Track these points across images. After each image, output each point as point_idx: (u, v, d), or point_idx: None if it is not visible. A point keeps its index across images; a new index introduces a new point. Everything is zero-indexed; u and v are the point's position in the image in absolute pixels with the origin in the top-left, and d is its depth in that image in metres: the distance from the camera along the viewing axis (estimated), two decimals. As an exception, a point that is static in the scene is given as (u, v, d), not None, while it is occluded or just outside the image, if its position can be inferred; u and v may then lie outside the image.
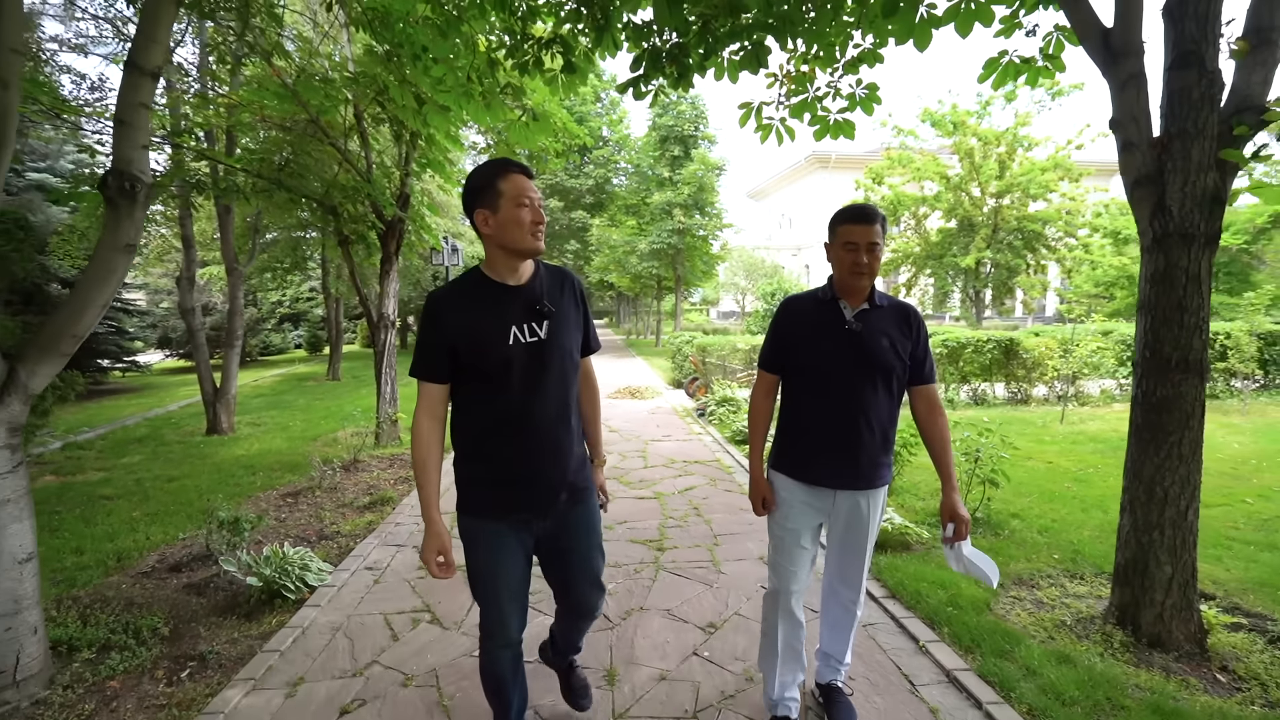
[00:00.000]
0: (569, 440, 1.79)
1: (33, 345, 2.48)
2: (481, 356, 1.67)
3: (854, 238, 1.92)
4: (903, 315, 2.03)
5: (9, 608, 2.40)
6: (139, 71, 2.43)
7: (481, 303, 1.69)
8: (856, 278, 1.94)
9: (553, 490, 1.77)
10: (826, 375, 1.98)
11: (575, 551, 1.87)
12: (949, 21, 3.21)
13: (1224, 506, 4.51)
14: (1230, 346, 8.55)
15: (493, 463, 1.73)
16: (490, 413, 1.72)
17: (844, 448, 1.97)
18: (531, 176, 1.72)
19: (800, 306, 2.09)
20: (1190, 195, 2.58)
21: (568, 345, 1.78)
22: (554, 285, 1.80)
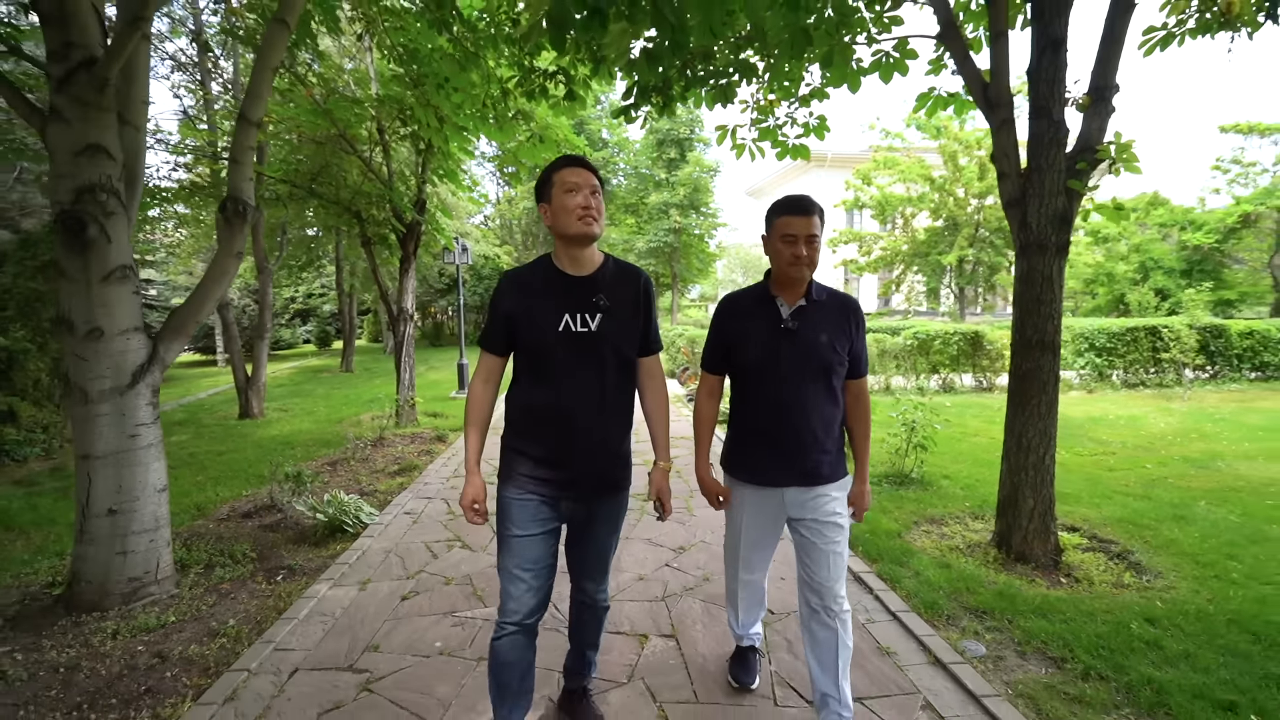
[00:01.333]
0: (606, 432, 1.81)
1: (167, 329, 3.29)
2: (530, 337, 1.77)
3: (793, 229, 1.88)
4: (842, 309, 1.99)
5: (152, 524, 3.22)
6: (247, 123, 3.24)
7: (543, 287, 1.79)
8: (795, 269, 1.89)
9: (583, 476, 1.81)
10: (765, 375, 1.96)
11: (595, 539, 1.93)
12: (874, 71, 4.01)
13: (1126, 470, 5.31)
14: (1173, 339, 9.37)
15: (529, 439, 1.81)
16: (533, 391, 1.81)
17: (786, 447, 1.95)
18: (587, 167, 1.78)
19: (739, 306, 2.06)
20: (1044, 215, 3.38)
21: (617, 341, 1.80)
22: (618, 281, 1.85)
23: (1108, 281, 18.91)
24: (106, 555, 3.07)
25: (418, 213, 8.02)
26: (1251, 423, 7.19)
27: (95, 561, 3.06)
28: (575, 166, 1.76)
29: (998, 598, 2.98)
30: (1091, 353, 10.18)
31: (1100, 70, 3.43)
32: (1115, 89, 3.42)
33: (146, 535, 3.19)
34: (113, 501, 3.08)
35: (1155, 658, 2.43)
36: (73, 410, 3.05)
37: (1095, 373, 10.24)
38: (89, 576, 3.06)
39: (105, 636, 2.78)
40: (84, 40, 2.75)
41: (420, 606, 3.03)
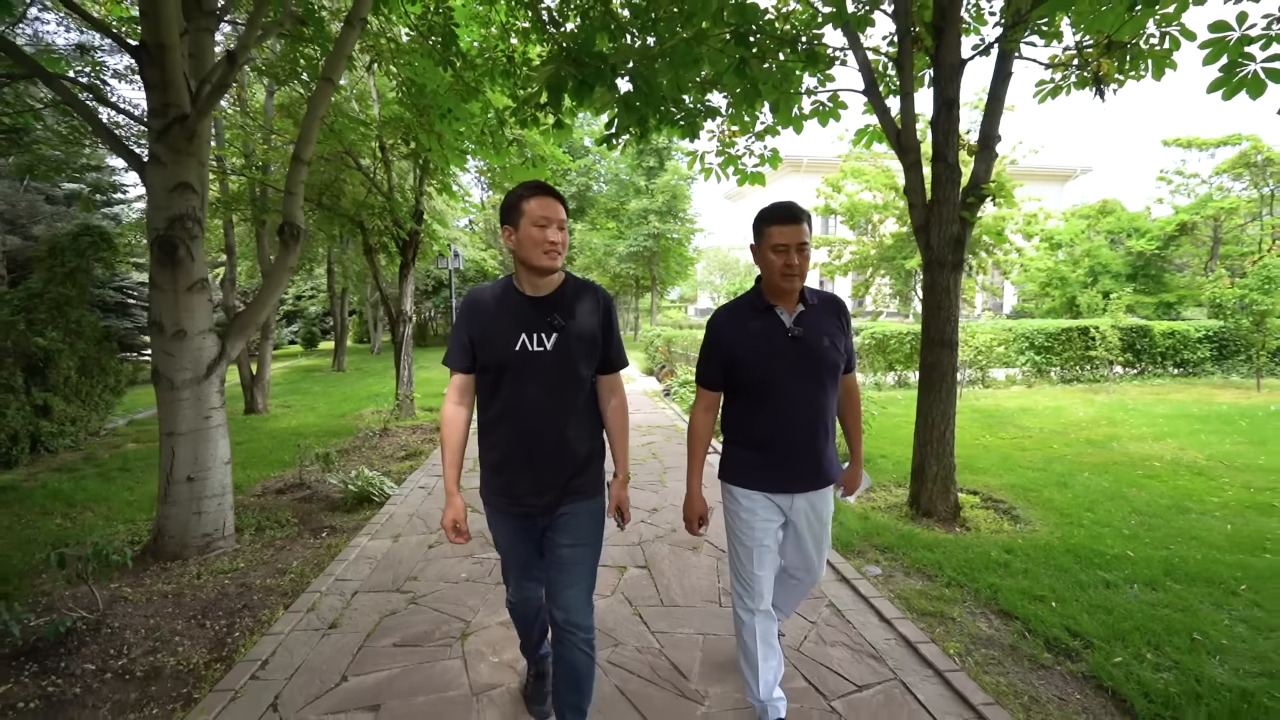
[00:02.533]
0: (561, 447, 1.85)
1: (231, 330, 4.01)
2: (489, 356, 1.82)
3: (784, 239, 1.86)
4: (834, 309, 2.03)
5: (220, 490, 3.93)
6: (299, 162, 3.97)
7: (501, 308, 1.84)
8: (789, 280, 1.89)
9: (544, 489, 1.86)
10: (778, 387, 1.93)
11: (557, 549, 1.91)
12: (814, 117, 4.85)
13: (1036, 449, 6.22)
14: (1097, 338, 10.42)
15: (494, 454, 1.89)
16: (494, 409, 1.86)
17: (803, 453, 1.97)
18: (557, 199, 1.81)
19: (736, 318, 2.02)
20: (943, 238, 4.24)
21: (575, 359, 1.83)
22: (576, 300, 1.88)
23: (1061, 285, 20.11)
24: (185, 515, 3.78)
25: (416, 223, 8.73)
26: (1157, 412, 8.19)
27: (176, 520, 3.77)
28: (546, 198, 1.78)
29: (899, 539, 3.83)
30: (1031, 351, 11.20)
31: (986, 124, 4.31)
32: (998, 139, 4.31)
33: (215, 499, 3.91)
34: (190, 470, 3.79)
35: (1001, 573, 3.29)
36: (160, 396, 3.75)
37: (1035, 369, 11.26)
38: (171, 532, 3.77)
39: (193, 576, 3.49)
40: (178, 101, 3.47)
41: (445, 552, 3.80)
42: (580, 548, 1.91)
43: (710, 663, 2.58)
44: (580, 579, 1.91)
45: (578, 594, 1.90)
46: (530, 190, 1.79)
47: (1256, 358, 10.17)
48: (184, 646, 2.74)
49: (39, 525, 4.50)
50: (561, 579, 1.90)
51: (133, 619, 2.96)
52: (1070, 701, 2.31)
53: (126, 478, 5.91)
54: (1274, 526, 3.99)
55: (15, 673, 2.49)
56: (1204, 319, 13.40)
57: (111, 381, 8.01)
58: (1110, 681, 2.36)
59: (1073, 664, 2.52)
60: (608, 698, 2.35)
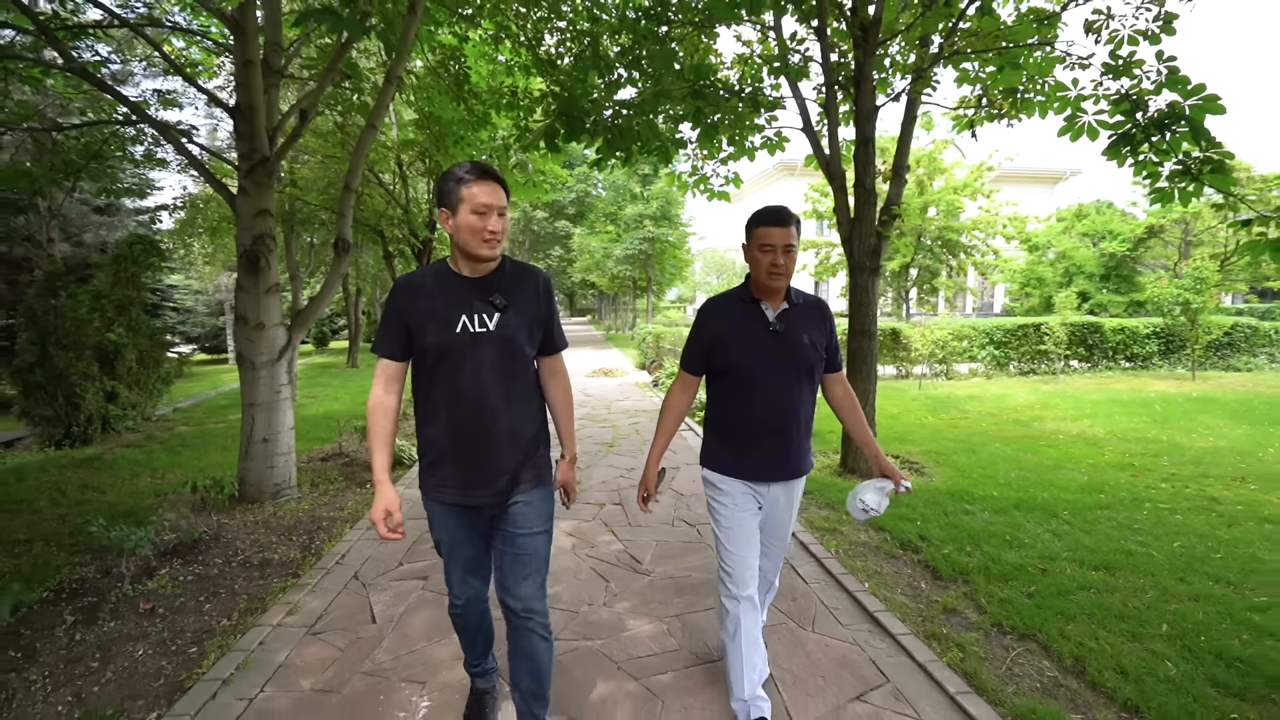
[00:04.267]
0: (510, 431, 1.80)
1: (295, 324, 5.05)
2: (429, 339, 1.74)
3: (770, 240, 1.93)
4: (818, 311, 2.11)
5: (286, 450, 4.98)
6: (350, 190, 5.02)
7: (439, 290, 1.77)
8: (774, 279, 1.97)
9: (492, 476, 1.79)
10: (754, 376, 2.01)
11: (511, 539, 1.86)
12: (764, 148, 5.89)
13: (967, 426, 7.24)
14: (1047, 334, 11.44)
15: (436, 444, 1.80)
16: (435, 395, 1.78)
17: (776, 444, 2.04)
18: (499, 182, 1.74)
19: (723, 309, 2.11)
20: (863, 249, 5.27)
21: (518, 340, 1.80)
22: (516, 281, 1.84)
23: (1038, 285, 21.11)
24: (261, 468, 4.83)
25: (429, 231, 9.80)
26: (1089, 398, 9.22)
27: (254, 472, 4.82)
28: (487, 183, 1.71)
29: (822, 486, 4.86)
30: (991, 346, 12.22)
31: (898, 156, 5.35)
32: (907, 168, 5.34)
33: (284, 456, 4.96)
34: (265, 434, 4.84)
35: (892, 512, 4.32)
36: (243, 375, 4.81)
37: (994, 363, 12.27)
38: (251, 481, 4.82)
39: (271, 512, 4.54)
40: (261, 147, 4.52)
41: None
42: (536, 536, 1.88)
43: (659, 555, 3.63)
44: (537, 569, 1.89)
45: (534, 583, 1.88)
46: (470, 173, 1.71)
47: (1192, 351, 11.17)
48: (282, 549, 3.80)
49: (135, 483, 5.57)
50: (517, 570, 1.87)
51: (239, 535, 4.02)
52: (901, 574, 3.35)
53: (189, 451, 6.98)
54: (1120, 478, 5.02)
55: (169, 562, 3.55)
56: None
57: (162, 372, 9.08)
58: (933, 562, 3.41)
59: (914, 555, 3.57)
60: (584, 575, 3.40)
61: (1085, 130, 4.31)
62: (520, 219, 25.49)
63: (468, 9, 6.41)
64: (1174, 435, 6.65)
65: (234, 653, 2.62)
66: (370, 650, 2.65)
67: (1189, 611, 2.81)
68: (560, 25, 6.40)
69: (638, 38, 5.55)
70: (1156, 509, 4.26)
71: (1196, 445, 6.19)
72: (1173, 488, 4.76)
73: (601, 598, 3.13)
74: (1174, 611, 2.82)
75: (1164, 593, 3.01)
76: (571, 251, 25.06)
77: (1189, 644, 2.55)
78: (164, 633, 2.83)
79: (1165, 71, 3.85)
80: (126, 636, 2.79)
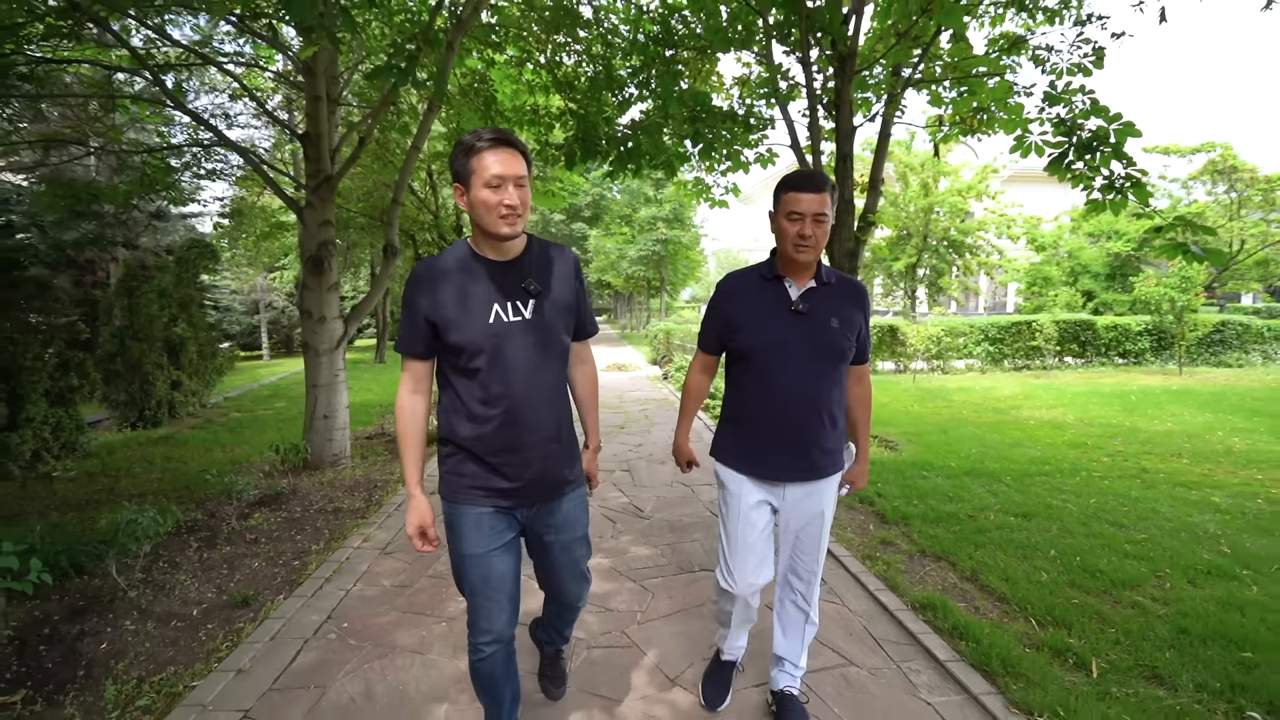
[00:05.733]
0: (554, 426, 1.70)
1: (350, 318, 5.89)
2: (459, 334, 1.58)
3: (799, 207, 1.74)
4: (853, 293, 1.91)
5: (343, 425, 5.81)
6: (396, 203, 5.84)
7: (463, 278, 1.61)
8: (800, 251, 1.77)
9: (536, 477, 1.69)
10: (771, 361, 1.83)
11: (558, 542, 1.79)
12: (757, 163, 6.62)
13: (949, 413, 7.91)
14: (1038, 330, 12.02)
15: (473, 446, 1.65)
16: (470, 393, 1.63)
17: (794, 439, 1.84)
18: (517, 149, 1.56)
19: (741, 285, 1.93)
20: (842, 251, 5.98)
21: (556, 326, 1.68)
22: (546, 262, 1.71)
23: (1044, 284, 21.52)
24: (322, 440, 5.67)
25: (457, 234, 10.64)
26: (1073, 391, 9.81)
27: (316, 444, 5.66)
28: (502, 150, 1.53)
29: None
30: (986, 342, 12.81)
31: (874, 170, 6.06)
32: (883, 181, 6.04)
33: (340, 431, 5.80)
34: (325, 410, 5.68)
35: (857, 471, 5.03)
36: (308, 360, 5.64)
37: (989, 358, 12.86)
38: (314, 451, 5.65)
39: (331, 476, 5.37)
40: (326, 168, 5.36)
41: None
42: (581, 540, 1.84)
43: (658, 506, 4.39)
44: (585, 567, 1.89)
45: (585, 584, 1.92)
46: (482, 140, 1.54)
47: (1178, 347, 11.69)
48: (348, 501, 4.62)
49: (210, 455, 6.45)
50: (569, 574, 1.86)
51: (310, 491, 4.85)
52: (855, 520, 4.08)
53: (249, 431, 7.88)
54: (1069, 454, 5.69)
55: (259, 510, 4.38)
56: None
57: (216, 364, 10.03)
58: (882, 511, 4.13)
59: (870, 507, 4.29)
60: (596, 519, 4.17)
61: (1033, 148, 5.02)
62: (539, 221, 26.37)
63: (495, 37, 7.22)
64: (1137, 422, 7.27)
65: (328, 564, 3.44)
66: (431, 563, 3.45)
67: (1078, 544, 3.51)
68: (577, 49, 7.18)
69: (647, 60, 6.33)
70: (1090, 476, 4.94)
71: (1152, 429, 6.81)
72: (1112, 461, 5.42)
73: (610, 533, 3.90)
74: (1066, 544, 3.52)
75: (1065, 532, 3.71)
76: (588, 253, 25.91)
77: (1065, 563, 3.25)
78: (270, 553, 3.65)
79: (1089, 102, 4.55)
80: (242, 555, 3.62)
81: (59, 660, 2.55)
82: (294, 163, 11.31)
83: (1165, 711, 2.05)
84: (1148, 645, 2.44)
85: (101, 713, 2.23)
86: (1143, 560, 3.26)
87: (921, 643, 2.55)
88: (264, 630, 2.74)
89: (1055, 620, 2.67)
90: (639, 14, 6.60)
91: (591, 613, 2.86)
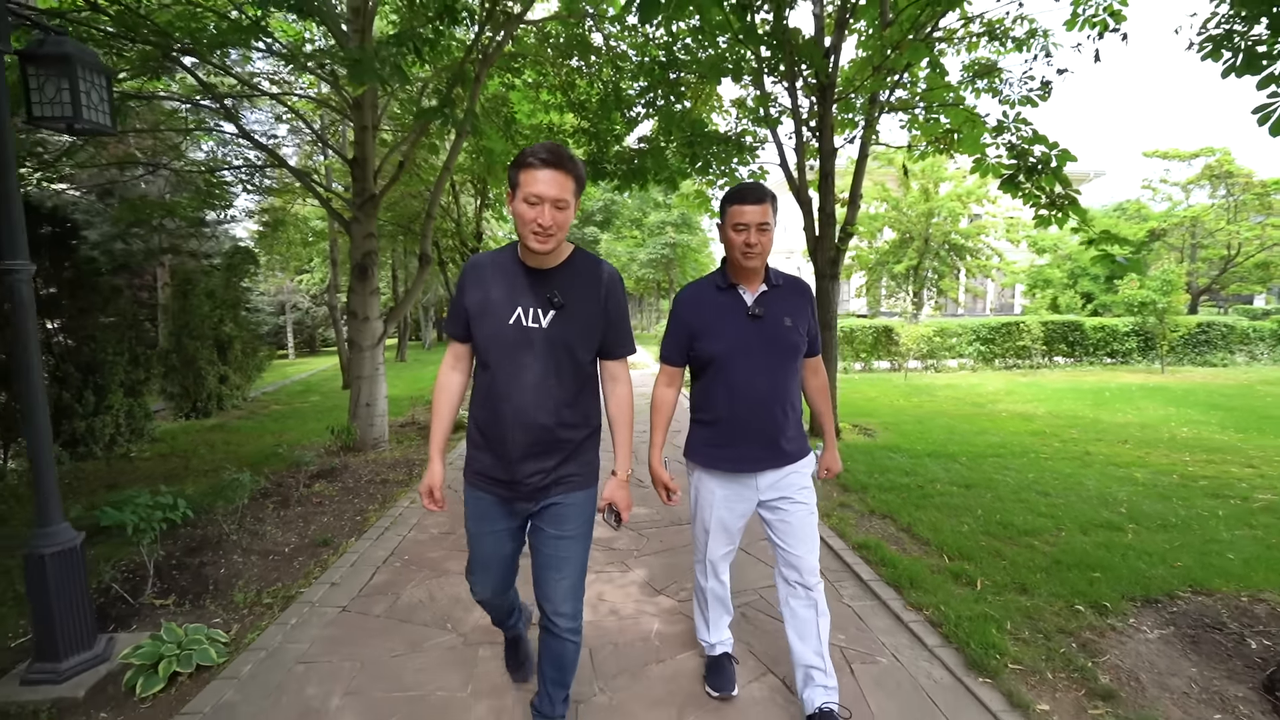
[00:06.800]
0: (552, 432, 1.77)
1: (388, 318, 6.69)
2: (482, 327, 1.75)
3: (743, 218, 1.90)
4: (798, 291, 2.07)
5: (382, 413, 6.61)
6: (430, 217, 6.64)
7: (501, 277, 1.77)
8: (748, 259, 1.93)
9: (526, 475, 1.77)
10: (736, 365, 1.97)
11: (548, 540, 1.85)
12: (750, 178, 7.35)
13: (932, 406, 8.58)
14: (1025, 331, 12.63)
15: (480, 430, 1.83)
16: (483, 382, 1.81)
17: (761, 432, 1.98)
18: (563, 171, 1.64)
19: (700, 296, 2.06)
20: (824, 259, 6.70)
21: (570, 340, 1.76)
22: (579, 278, 1.79)
23: (1045, 286, 22.03)
24: (365, 426, 6.47)
25: (477, 241, 11.46)
26: (1053, 387, 10.44)
27: (360, 428, 6.46)
28: (544, 171, 1.61)
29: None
30: (978, 343, 13.43)
31: (853, 187, 6.78)
32: (861, 196, 6.75)
33: (380, 418, 6.60)
34: (367, 399, 6.49)
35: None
36: (352, 355, 6.45)
37: (980, 358, 13.48)
38: (360, 436, 6.46)
39: (374, 457, 6.17)
40: (370, 188, 6.17)
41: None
42: (569, 540, 1.85)
43: (656, 480, 5.13)
44: (570, 573, 1.86)
45: (566, 588, 1.85)
46: (534, 157, 1.63)
47: (1160, 347, 12.25)
48: (392, 475, 5.41)
49: (262, 440, 7.28)
50: (550, 574, 1.85)
51: (358, 468, 5.66)
52: (822, 489, 4.80)
53: (291, 421, 8.73)
54: (1026, 440, 6.37)
55: (319, 480, 5.18)
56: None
57: (257, 360, 10.91)
58: (845, 482, 4.85)
59: (836, 480, 5.01)
60: (604, 489, 4.92)
61: (992, 167, 5.72)
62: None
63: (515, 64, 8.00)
64: (1100, 415, 7.91)
65: (385, 518, 4.23)
66: (468, 518, 4.22)
67: (1003, 507, 4.22)
68: (589, 73, 7.94)
69: (653, 82, 7.08)
70: (1037, 458, 5.62)
71: (1112, 420, 7.47)
72: (1062, 446, 6.10)
73: (614, 498, 4.66)
74: (993, 506, 4.23)
75: (996, 498, 4.42)
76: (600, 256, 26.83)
77: (986, 520, 3.96)
78: (335, 511, 4.45)
79: (1031, 132, 5.25)
80: (312, 513, 4.41)
81: (189, 581, 3.34)
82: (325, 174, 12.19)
83: (1019, 607, 2.77)
84: (1025, 570, 3.15)
85: (235, 609, 3.02)
86: (1050, 518, 3.96)
87: (854, 570, 3.28)
88: (344, 560, 3.53)
89: (962, 556, 3.38)
90: (645, 41, 7.35)
91: (599, 550, 3.62)
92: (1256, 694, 2.14)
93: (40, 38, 2.36)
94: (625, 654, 2.60)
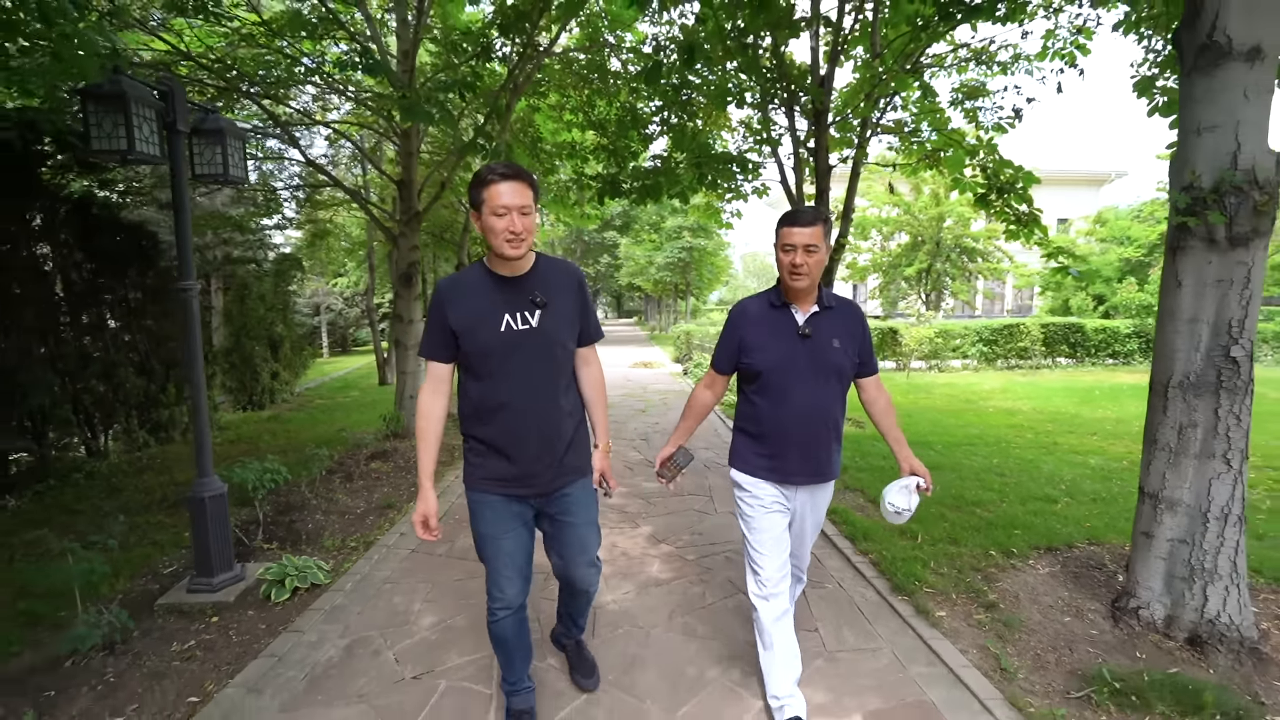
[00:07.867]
0: (558, 423, 1.93)
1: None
2: (475, 341, 1.85)
3: (791, 239, 1.99)
4: (850, 315, 2.15)
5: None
6: (465, 230, 7.46)
7: (479, 292, 1.87)
8: (794, 279, 2.01)
9: (541, 469, 1.92)
10: (784, 381, 2.06)
11: (568, 528, 2.01)
12: (754, 194, 8.08)
13: (926, 402, 9.21)
14: (1024, 333, 13.14)
15: (486, 440, 1.93)
16: (483, 393, 1.90)
17: (805, 448, 2.08)
18: (522, 181, 1.77)
19: (754, 311, 2.16)
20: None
21: (560, 335, 1.92)
22: (551, 277, 1.93)
23: (1056, 288, 22.34)
24: (409, 415, 7.29)
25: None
26: (1048, 386, 10.98)
27: (405, 418, 7.30)
28: (507, 183, 1.75)
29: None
30: (980, 344, 13.97)
31: (847, 202, 7.47)
32: (854, 210, 7.44)
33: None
34: (411, 391, 7.31)
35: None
36: (399, 353, 7.30)
37: (983, 358, 14.01)
38: (406, 424, 7.30)
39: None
40: (416, 206, 7.01)
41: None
42: (584, 525, 2.03)
43: (664, 462, 5.89)
44: (590, 551, 2.06)
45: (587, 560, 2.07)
46: (490, 177, 1.77)
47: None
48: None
49: (315, 429, 8.18)
50: (580, 554, 2.05)
51: (407, 451, 6.50)
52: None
53: (338, 413, 9.63)
54: (1003, 431, 7.01)
55: (374, 460, 6.02)
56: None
57: (304, 358, 11.88)
58: (830, 465, 5.56)
59: (823, 463, 5.72)
60: (617, 469, 5.68)
61: (968, 186, 6.39)
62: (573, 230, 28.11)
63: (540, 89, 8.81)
64: (1083, 411, 8.49)
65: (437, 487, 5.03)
66: (504, 489, 5.02)
67: (962, 484, 4.89)
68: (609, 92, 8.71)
69: (666, 103, 7.82)
70: (1007, 446, 6.27)
71: (1091, 416, 8.05)
72: (1034, 437, 6.74)
73: (628, 477, 5.43)
74: (953, 483, 4.91)
75: (958, 478, 5.10)
76: (619, 259, 27.61)
77: (944, 494, 4.64)
78: (392, 484, 5.28)
79: (996, 158, 5.92)
80: (373, 485, 5.25)
81: (285, 533, 4.17)
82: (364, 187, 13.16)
83: (945, 554, 3.47)
84: (960, 529, 3.85)
85: (327, 552, 3.84)
86: (999, 493, 4.64)
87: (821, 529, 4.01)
88: (407, 519, 4.34)
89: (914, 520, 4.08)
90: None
91: (615, 513, 4.39)
92: (1105, 607, 2.84)
93: (201, 116, 3.20)
94: (632, 577, 3.37)
